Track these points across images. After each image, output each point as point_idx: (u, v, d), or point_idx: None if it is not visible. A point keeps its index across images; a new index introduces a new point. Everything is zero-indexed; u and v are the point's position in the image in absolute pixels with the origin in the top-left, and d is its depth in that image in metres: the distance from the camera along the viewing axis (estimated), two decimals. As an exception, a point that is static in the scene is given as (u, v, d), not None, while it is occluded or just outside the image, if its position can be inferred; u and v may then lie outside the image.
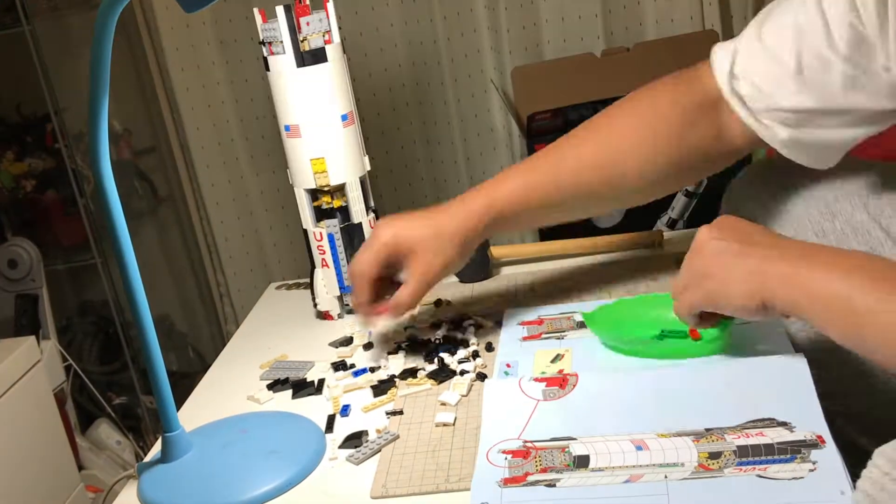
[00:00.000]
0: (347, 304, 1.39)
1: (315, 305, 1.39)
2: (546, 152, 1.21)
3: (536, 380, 1.03)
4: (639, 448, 0.91)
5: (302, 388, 1.18)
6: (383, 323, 1.19)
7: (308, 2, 1.26)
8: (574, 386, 1.02)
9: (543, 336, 1.20)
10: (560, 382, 1.03)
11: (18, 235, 2.25)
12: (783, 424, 0.91)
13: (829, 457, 0.85)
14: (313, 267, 1.38)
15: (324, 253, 1.36)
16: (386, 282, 1.18)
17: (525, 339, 1.20)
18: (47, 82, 2.16)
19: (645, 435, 0.93)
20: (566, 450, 0.93)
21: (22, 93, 2.27)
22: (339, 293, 1.38)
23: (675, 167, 1.16)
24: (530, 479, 0.90)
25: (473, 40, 2.11)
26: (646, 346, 1.10)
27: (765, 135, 1.09)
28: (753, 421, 0.92)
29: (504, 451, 0.94)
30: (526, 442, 0.95)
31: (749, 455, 0.87)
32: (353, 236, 1.36)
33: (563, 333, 1.19)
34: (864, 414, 1.02)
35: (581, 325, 1.19)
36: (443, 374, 1.14)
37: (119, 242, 0.97)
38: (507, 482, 0.90)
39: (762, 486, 0.84)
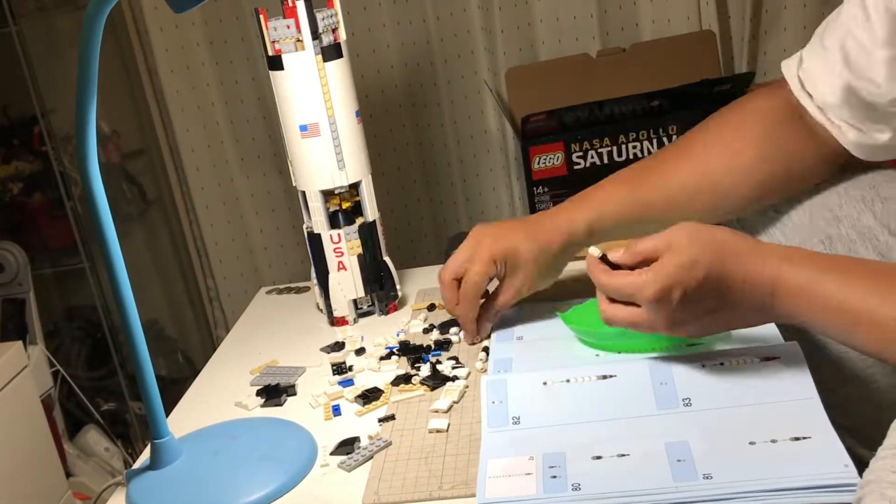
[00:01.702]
0: (360, 308, 1.39)
1: (330, 312, 1.37)
2: (649, 169, 1.20)
3: None
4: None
5: (274, 395, 1.19)
6: (485, 330, 1.23)
7: (293, 3, 1.24)
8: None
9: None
10: None
11: (5, 239, 2.23)
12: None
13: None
14: (326, 272, 1.36)
15: (340, 256, 1.34)
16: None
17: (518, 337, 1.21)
18: (34, 84, 2.14)
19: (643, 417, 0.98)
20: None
21: (8, 94, 2.24)
22: (355, 297, 1.37)
23: (775, 178, 1.15)
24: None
25: (467, 41, 2.10)
26: (625, 340, 1.09)
27: (836, 135, 1.09)
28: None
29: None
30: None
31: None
32: (370, 235, 1.35)
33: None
34: (869, 430, 1.01)
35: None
36: (436, 380, 1.12)
37: (107, 246, 0.97)
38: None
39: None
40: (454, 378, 1.13)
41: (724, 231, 0.95)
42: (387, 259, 1.39)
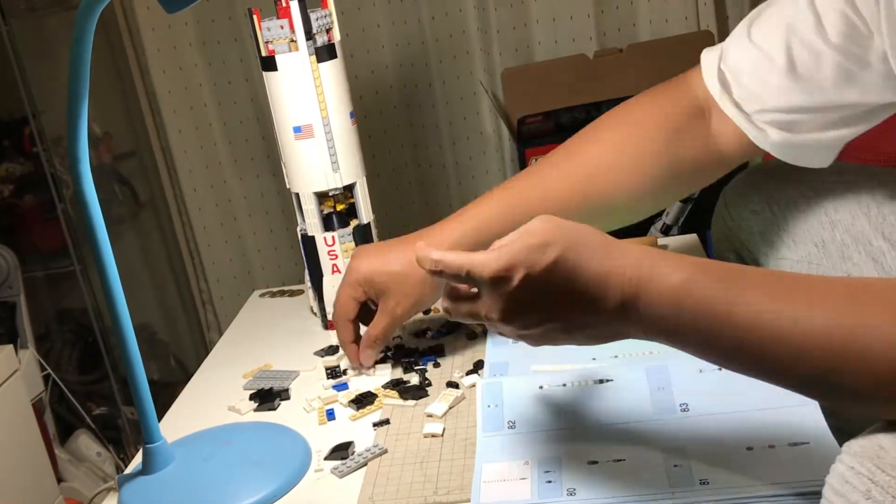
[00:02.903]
0: None
1: (324, 316, 1.36)
2: (528, 173, 1.17)
3: None
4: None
5: (267, 399, 1.18)
6: (366, 357, 1.18)
7: (287, 3, 1.23)
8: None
9: None
10: None
11: (-5, 242, 2.21)
12: None
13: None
14: (320, 275, 1.35)
15: (335, 258, 1.32)
16: (368, 308, 1.18)
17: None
18: (25, 84, 2.13)
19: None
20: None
21: (-1, 95, 2.24)
22: None
23: (663, 181, 1.12)
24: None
25: (462, 41, 2.09)
26: None
27: (756, 137, 1.05)
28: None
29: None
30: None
31: None
32: (365, 238, 1.34)
33: None
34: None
35: None
36: (420, 392, 1.11)
37: (99, 249, 0.95)
38: None
39: None
40: (449, 384, 1.13)
41: (590, 228, 0.83)
42: None
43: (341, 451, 1.02)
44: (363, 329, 1.18)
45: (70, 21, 0.87)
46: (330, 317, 1.35)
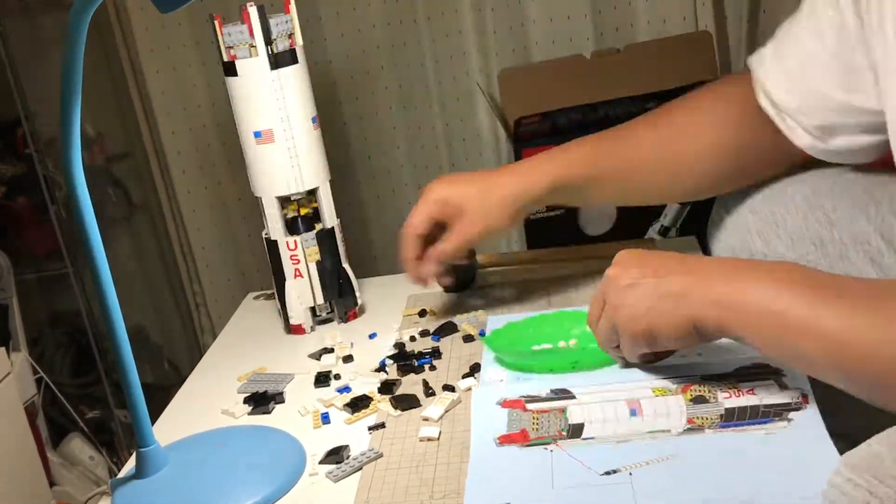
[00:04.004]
0: (319, 316, 1.39)
1: (286, 319, 1.37)
2: (616, 134, 1.22)
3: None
4: (633, 412, 0.97)
5: (262, 402, 1.18)
6: (427, 270, 1.24)
7: (251, 7, 1.25)
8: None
9: None
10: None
11: (-13, 244, 2.20)
12: (776, 373, 0.98)
13: (809, 417, 0.91)
14: (283, 279, 1.35)
15: (297, 263, 1.34)
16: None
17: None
18: (18, 85, 2.11)
19: (641, 390, 0.99)
20: (563, 412, 0.98)
21: (-9, 96, 2.22)
22: (312, 304, 1.37)
23: (734, 163, 1.15)
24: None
25: (459, 42, 2.08)
26: (543, 359, 1.10)
27: (792, 137, 1.08)
28: (748, 368, 1.00)
29: (503, 404, 1.02)
30: (523, 397, 1.02)
31: (734, 418, 0.93)
32: (329, 242, 1.35)
33: None
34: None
35: None
36: (406, 402, 1.11)
37: (92, 251, 0.95)
38: (503, 440, 0.96)
39: (738, 441, 0.90)
40: (445, 388, 1.12)
41: None
42: (346, 266, 1.38)
43: (336, 454, 1.02)
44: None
45: (63, 21, 0.87)
46: (294, 320, 1.36)
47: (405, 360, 1.20)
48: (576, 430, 0.96)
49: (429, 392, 1.12)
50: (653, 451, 0.91)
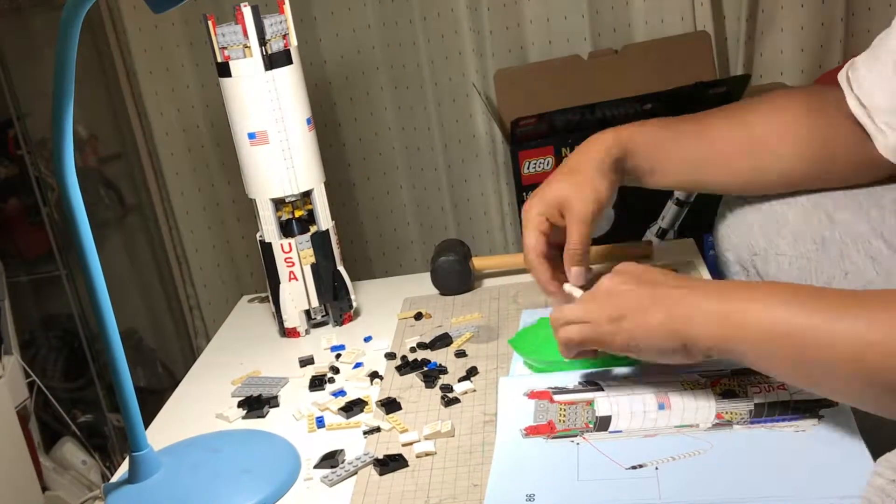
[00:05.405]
0: (314, 319, 1.38)
1: (281, 323, 1.36)
2: (692, 118, 1.19)
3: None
4: (661, 406, 0.96)
5: (256, 406, 1.17)
6: (570, 288, 1.14)
7: (245, 7, 1.24)
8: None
9: None
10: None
11: (-21, 247, 2.19)
12: None
13: (841, 414, 0.89)
14: (277, 282, 1.35)
15: (292, 265, 1.34)
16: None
17: None
18: (9, 86, 2.10)
19: (671, 383, 0.99)
20: (591, 404, 0.99)
21: (-18, 97, 2.21)
22: (307, 307, 1.36)
23: (814, 162, 1.13)
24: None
25: (455, 42, 2.07)
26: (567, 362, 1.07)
27: (877, 138, 1.07)
28: None
29: (530, 395, 1.02)
30: (551, 388, 1.02)
31: (764, 414, 0.93)
32: (322, 244, 1.35)
33: None
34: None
35: None
36: (392, 465, 1.07)
37: (84, 253, 0.95)
38: (530, 431, 0.96)
39: (768, 438, 0.90)
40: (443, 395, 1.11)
41: None
42: (341, 269, 1.38)
43: (331, 459, 1.01)
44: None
45: (55, 21, 0.87)
46: (289, 323, 1.36)
47: (413, 368, 1.19)
48: (603, 423, 0.96)
49: (429, 384, 1.13)
50: (680, 445, 0.91)
